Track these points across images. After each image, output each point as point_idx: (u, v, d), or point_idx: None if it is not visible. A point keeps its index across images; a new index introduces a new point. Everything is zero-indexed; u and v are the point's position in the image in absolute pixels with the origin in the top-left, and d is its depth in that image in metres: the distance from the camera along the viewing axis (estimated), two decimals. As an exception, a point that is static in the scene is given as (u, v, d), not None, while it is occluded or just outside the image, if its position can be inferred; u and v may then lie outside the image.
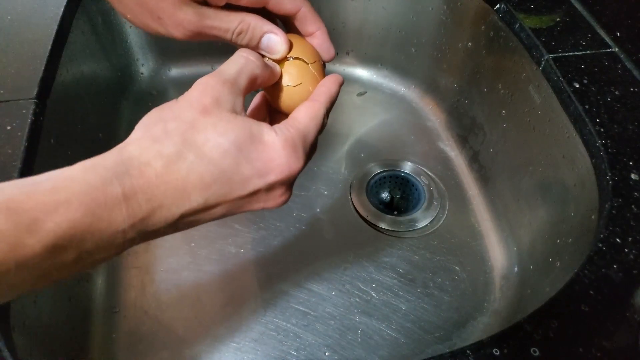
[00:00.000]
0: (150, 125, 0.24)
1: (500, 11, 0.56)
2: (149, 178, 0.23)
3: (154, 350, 0.47)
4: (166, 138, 0.24)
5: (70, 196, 0.21)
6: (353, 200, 0.60)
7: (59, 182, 0.21)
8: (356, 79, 0.76)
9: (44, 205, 0.20)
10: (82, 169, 0.22)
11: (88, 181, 0.21)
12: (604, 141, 0.41)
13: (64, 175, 0.22)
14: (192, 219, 0.25)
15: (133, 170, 0.23)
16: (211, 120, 0.24)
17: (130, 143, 0.24)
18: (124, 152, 0.23)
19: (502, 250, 0.56)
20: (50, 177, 0.21)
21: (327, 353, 0.48)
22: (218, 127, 0.24)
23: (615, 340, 0.31)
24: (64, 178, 0.21)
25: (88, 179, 0.21)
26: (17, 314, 0.35)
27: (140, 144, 0.24)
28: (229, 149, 0.24)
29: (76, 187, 0.21)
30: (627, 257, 0.35)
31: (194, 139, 0.24)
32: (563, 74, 0.47)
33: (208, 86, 0.25)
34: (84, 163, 0.22)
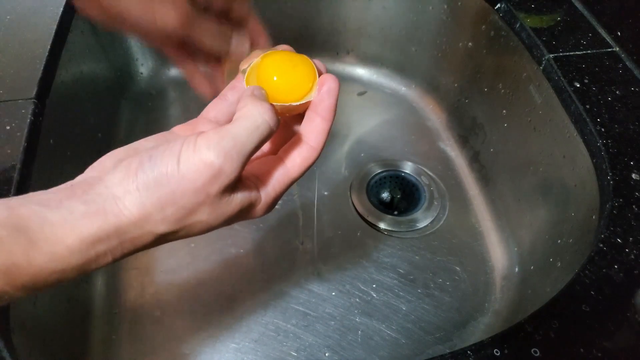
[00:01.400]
0: (150, 197, 0.23)
1: (501, 11, 0.56)
2: (135, 245, 0.25)
3: (154, 351, 0.47)
4: (162, 222, 0.23)
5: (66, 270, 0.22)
6: (353, 200, 0.60)
7: (56, 256, 0.21)
8: (356, 79, 0.76)
9: (40, 274, 0.21)
10: (80, 248, 0.22)
11: (84, 258, 0.22)
12: (604, 141, 0.41)
13: (63, 248, 0.21)
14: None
15: (125, 244, 0.24)
16: (209, 209, 0.24)
17: (127, 215, 0.23)
18: (122, 224, 0.23)
19: (502, 251, 0.56)
20: (49, 239, 0.21)
21: (327, 354, 0.48)
22: (213, 214, 0.25)
23: (616, 340, 0.31)
24: (63, 253, 0.21)
25: (84, 258, 0.22)
26: (17, 315, 0.35)
27: (138, 222, 0.23)
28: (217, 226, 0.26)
29: (73, 263, 0.22)
30: (628, 257, 0.35)
31: (188, 223, 0.24)
32: (564, 74, 0.47)
33: (215, 167, 0.23)
34: (84, 238, 0.22)
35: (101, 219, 0.22)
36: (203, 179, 0.23)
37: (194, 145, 0.23)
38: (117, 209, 0.22)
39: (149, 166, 0.23)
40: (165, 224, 0.23)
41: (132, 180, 0.22)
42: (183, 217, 0.24)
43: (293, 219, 0.58)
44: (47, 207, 0.21)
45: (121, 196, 0.22)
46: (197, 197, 0.23)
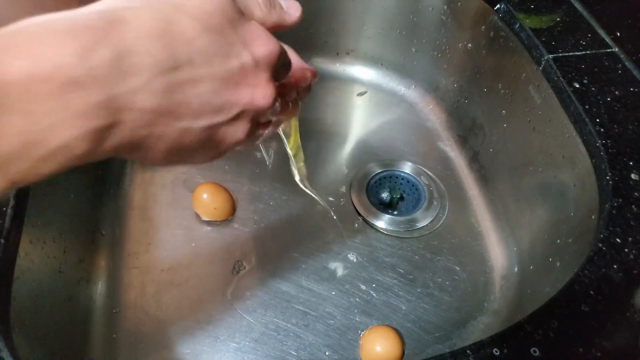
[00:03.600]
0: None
1: (500, 11, 0.56)
2: (112, 24, 0.18)
3: (154, 351, 0.47)
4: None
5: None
6: (353, 200, 0.60)
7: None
8: (356, 79, 0.76)
9: None
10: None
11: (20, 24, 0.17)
12: (604, 141, 0.41)
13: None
14: (176, 84, 0.20)
15: (91, 15, 0.18)
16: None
17: (93, 5, 0.19)
18: (80, 10, 0.19)
19: (502, 250, 0.56)
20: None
21: (328, 353, 0.48)
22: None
23: (616, 340, 0.31)
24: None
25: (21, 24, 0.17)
26: (17, 314, 0.35)
27: (106, 2, 0.20)
28: (214, 12, 0.21)
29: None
30: (627, 257, 0.35)
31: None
32: (563, 74, 0.47)
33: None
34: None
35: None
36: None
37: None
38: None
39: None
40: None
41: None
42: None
43: (293, 219, 0.58)
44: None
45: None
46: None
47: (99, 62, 0.17)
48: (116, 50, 0.18)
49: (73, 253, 0.47)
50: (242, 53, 0.22)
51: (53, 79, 0.16)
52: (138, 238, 0.55)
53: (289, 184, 0.62)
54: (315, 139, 0.68)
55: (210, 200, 0.55)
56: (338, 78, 0.76)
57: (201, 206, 0.55)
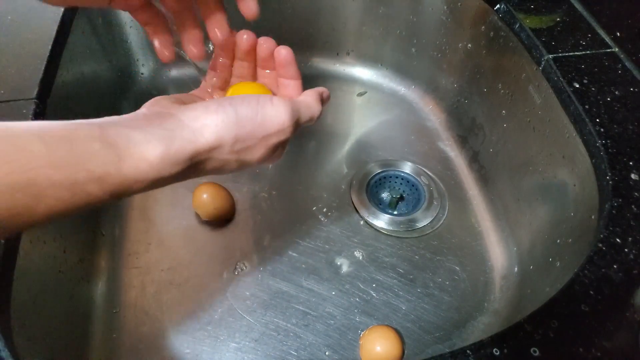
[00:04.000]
0: (225, 138, 0.29)
1: (500, 11, 0.56)
2: (201, 170, 0.29)
3: (155, 350, 0.47)
4: (229, 153, 0.29)
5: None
6: (353, 200, 0.60)
7: (139, 169, 0.25)
8: (356, 79, 0.76)
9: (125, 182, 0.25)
10: (159, 164, 0.26)
11: (161, 174, 0.26)
12: (604, 141, 0.41)
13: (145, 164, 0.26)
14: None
15: (194, 167, 0.28)
16: (261, 152, 0.31)
17: (203, 149, 0.28)
18: (199, 146, 0.27)
19: (502, 250, 0.56)
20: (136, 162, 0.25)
21: (328, 353, 0.48)
22: (260, 157, 0.31)
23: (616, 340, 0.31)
24: (144, 167, 0.25)
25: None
26: (17, 314, 0.35)
27: (211, 150, 0.28)
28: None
29: (151, 176, 0.26)
30: (627, 257, 0.35)
31: (243, 158, 0.30)
32: (563, 74, 0.47)
33: (285, 125, 0.31)
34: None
35: (179, 143, 0.26)
36: (272, 130, 0.30)
37: (271, 102, 0.30)
38: (194, 137, 0.27)
39: (232, 110, 0.28)
40: (230, 154, 0.29)
41: (213, 117, 0.28)
42: (244, 151, 0.29)
43: (293, 219, 0.58)
44: (132, 129, 0.25)
45: (199, 128, 0.27)
46: (260, 141, 0.30)
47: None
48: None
49: (73, 253, 0.47)
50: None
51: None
52: (138, 238, 0.55)
53: (289, 184, 0.62)
54: (315, 139, 0.68)
55: (210, 200, 0.55)
56: (338, 78, 0.76)
57: (201, 206, 0.55)
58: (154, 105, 0.30)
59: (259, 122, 0.29)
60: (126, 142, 0.24)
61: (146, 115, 0.27)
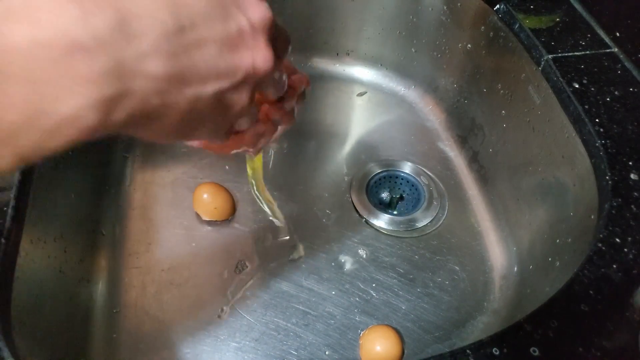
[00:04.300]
0: None
1: (500, 11, 0.56)
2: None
3: (155, 350, 0.47)
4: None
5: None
6: (353, 200, 0.60)
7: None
8: (356, 79, 0.76)
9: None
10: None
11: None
12: (603, 141, 0.41)
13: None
14: (182, 47, 0.20)
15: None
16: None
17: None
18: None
19: (501, 250, 0.56)
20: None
21: (328, 352, 0.48)
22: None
23: (615, 340, 0.31)
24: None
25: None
26: (17, 314, 0.35)
27: None
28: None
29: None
30: (627, 257, 0.35)
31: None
32: (562, 74, 0.47)
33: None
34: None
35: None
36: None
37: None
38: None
39: None
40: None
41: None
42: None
43: (293, 219, 0.58)
44: None
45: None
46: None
47: (102, 26, 0.17)
48: (120, 13, 0.17)
49: (73, 253, 0.47)
50: (238, 16, 0.22)
51: (56, 44, 0.16)
52: (138, 238, 0.55)
53: (288, 184, 0.62)
54: (315, 139, 0.68)
55: (211, 200, 0.55)
56: (338, 78, 0.76)
57: (201, 206, 0.55)
58: None
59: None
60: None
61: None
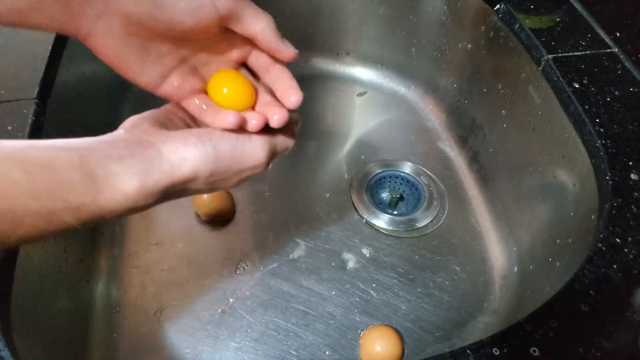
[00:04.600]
0: (201, 171, 0.29)
1: (500, 11, 0.56)
2: (175, 196, 0.30)
3: (155, 350, 0.47)
4: (203, 184, 0.30)
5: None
6: (353, 200, 0.60)
7: (115, 201, 0.26)
8: (356, 79, 0.76)
9: (100, 213, 0.25)
10: (134, 197, 0.27)
11: (135, 204, 0.27)
12: (603, 141, 0.41)
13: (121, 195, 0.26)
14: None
15: (169, 196, 0.29)
16: (233, 182, 0.32)
17: (178, 179, 0.28)
18: (176, 179, 0.28)
19: (502, 250, 0.56)
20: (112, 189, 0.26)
21: (328, 352, 0.48)
22: (232, 185, 0.32)
23: (615, 340, 0.31)
24: (120, 199, 0.26)
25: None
26: (17, 314, 0.35)
27: (186, 182, 0.29)
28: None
29: (125, 206, 0.26)
30: (627, 257, 0.35)
31: (216, 187, 0.31)
32: (563, 74, 0.47)
33: (260, 162, 0.32)
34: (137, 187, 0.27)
35: (156, 176, 0.27)
36: (247, 165, 0.31)
37: (250, 139, 0.31)
38: (171, 170, 0.28)
39: (210, 145, 0.29)
40: (204, 185, 0.30)
41: (192, 151, 0.28)
42: (218, 183, 0.30)
43: (294, 219, 0.58)
44: (111, 160, 0.26)
45: (177, 161, 0.28)
46: (234, 174, 0.31)
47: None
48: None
49: (73, 253, 0.47)
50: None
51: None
52: (138, 238, 0.55)
53: (289, 184, 0.62)
54: (315, 139, 0.68)
55: (210, 201, 0.55)
56: (338, 78, 0.76)
57: (201, 206, 0.55)
58: (134, 128, 0.30)
59: (236, 158, 0.30)
60: (105, 174, 0.25)
61: (126, 141, 0.28)
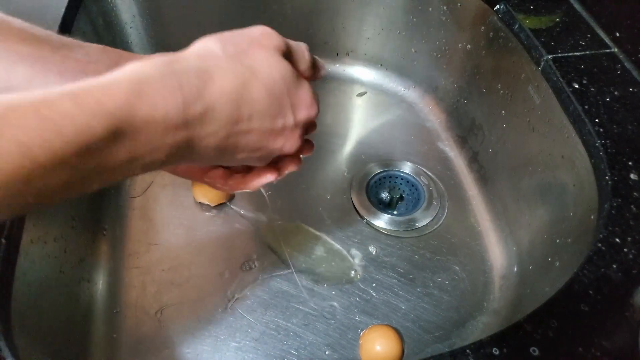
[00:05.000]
0: (211, 44, 0.28)
1: (500, 12, 0.56)
2: (205, 82, 0.25)
3: (155, 350, 0.48)
4: (226, 57, 0.27)
5: (129, 82, 0.23)
6: (353, 200, 0.60)
7: (119, 74, 0.23)
8: (356, 79, 0.76)
9: (107, 89, 0.22)
10: (140, 65, 0.24)
11: (145, 72, 0.24)
12: (603, 141, 0.41)
13: (125, 69, 0.24)
14: (234, 133, 0.28)
15: (191, 72, 0.25)
16: (265, 54, 0.28)
17: (190, 55, 0.27)
18: (183, 61, 0.26)
19: (501, 250, 0.56)
20: (114, 73, 0.24)
21: (328, 352, 0.48)
22: (271, 61, 0.28)
23: (615, 339, 0.31)
24: (125, 71, 0.24)
25: (146, 70, 0.24)
26: (17, 314, 0.35)
27: (200, 55, 0.27)
28: (278, 80, 0.29)
29: (134, 76, 0.24)
30: (627, 257, 0.35)
31: (251, 65, 0.28)
32: (562, 75, 0.47)
33: (268, 31, 0.30)
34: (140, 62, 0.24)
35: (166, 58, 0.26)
36: (256, 33, 0.29)
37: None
38: (182, 57, 0.26)
39: (214, 36, 0.28)
40: (228, 60, 0.27)
41: (196, 43, 0.28)
42: (242, 55, 0.28)
43: (294, 219, 0.58)
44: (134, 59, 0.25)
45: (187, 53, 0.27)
46: (252, 43, 0.28)
47: (192, 114, 0.25)
48: (204, 105, 0.25)
49: (74, 253, 0.47)
50: (288, 116, 0.30)
51: (162, 123, 0.24)
52: (139, 238, 0.55)
53: (289, 184, 0.62)
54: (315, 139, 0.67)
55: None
56: (338, 78, 0.76)
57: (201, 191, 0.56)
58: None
59: (239, 32, 0.29)
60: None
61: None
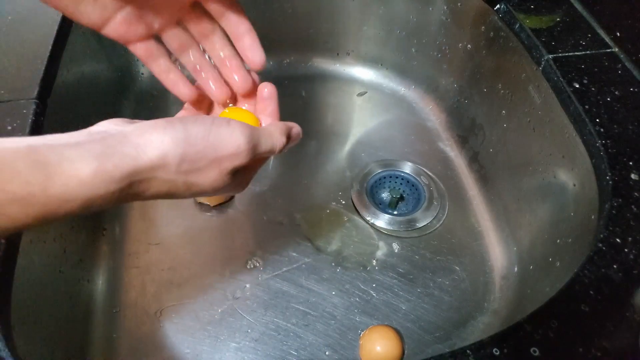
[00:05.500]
0: (172, 155, 0.27)
1: (500, 11, 0.56)
2: (141, 190, 0.26)
3: (155, 350, 0.47)
4: (175, 173, 0.27)
5: (78, 199, 0.23)
6: (353, 200, 0.60)
7: (69, 187, 0.23)
8: (356, 79, 0.76)
9: (52, 204, 0.22)
10: (92, 181, 0.23)
11: (93, 192, 0.23)
12: (603, 141, 0.41)
13: (75, 178, 0.23)
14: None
15: (135, 187, 0.25)
16: (213, 177, 0.29)
17: (146, 161, 0.25)
18: (141, 162, 0.25)
19: (502, 250, 0.56)
20: (63, 171, 0.23)
21: (328, 352, 0.48)
22: (213, 183, 0.29)
23: (615, 340, 0.31)
24: (74, 185, 0.23)
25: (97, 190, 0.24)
26: (17, 314, 0.35)
27: (153, 166, 0.26)
28: (205, 189, 0.29)
29: (82, 195, 0.23)
30: (627, 257, 0.35)
31: (193, 182, 0.28)
32: (563, 74, 0.47)
33: (240, 149, 0.29)
34: (96, 171, 0.23)
35: (117, 159, 0.24)
36: (225, 152, 0.27)
37: (228, 124, 0.28)
38: (135, 153, 0.25)
39: (181, 127, 0.26)
40: (176, 175, 0.26)
41: (159, 134, 0.25)
42: (193, 173, 0.27)
43: (294, 219, 0.58)
44: (67, 147, 0.23)
45: (142, 144, 0.25)
46: (211, 163, 0.27)
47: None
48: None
49: (73, 253, 0.47)
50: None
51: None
52: (138, 238, 0.55)
53: (289, 183, 0.62)
54: (315, 139, 0.68)
55: None
56: (338, 78, 0.76)
57: None
58: (107, 123, 0.27)
59: (210, 142, 0.27)
60: (58, 160, 0.22)
61: (90, 132, 0.26)
